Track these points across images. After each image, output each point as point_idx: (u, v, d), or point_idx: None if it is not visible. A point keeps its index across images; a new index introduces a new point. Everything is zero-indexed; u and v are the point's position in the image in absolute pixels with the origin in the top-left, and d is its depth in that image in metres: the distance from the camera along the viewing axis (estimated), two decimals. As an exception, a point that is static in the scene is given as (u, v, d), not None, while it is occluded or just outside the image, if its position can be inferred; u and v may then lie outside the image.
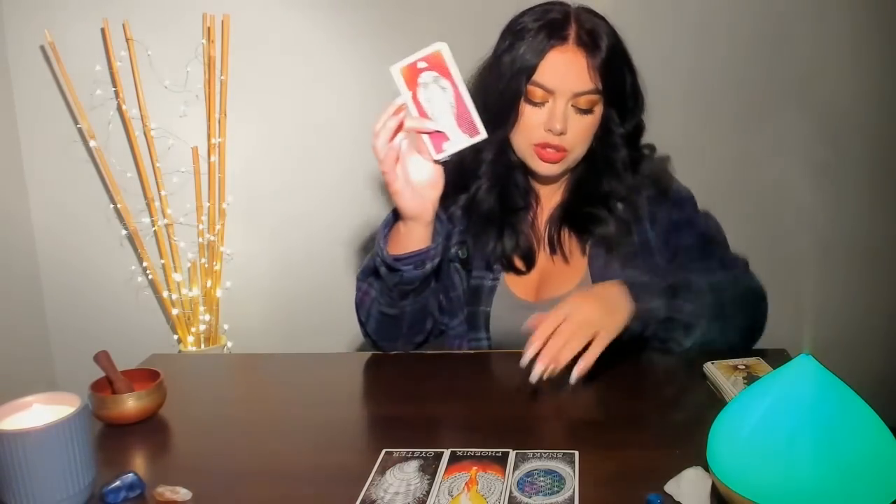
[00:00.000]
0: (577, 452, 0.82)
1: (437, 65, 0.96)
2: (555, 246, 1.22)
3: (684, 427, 0.89)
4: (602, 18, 1.14)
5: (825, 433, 0.64)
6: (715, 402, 0.95)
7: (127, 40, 1.93)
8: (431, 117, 0.99)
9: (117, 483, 0.78)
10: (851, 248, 2.03)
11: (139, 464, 0.89)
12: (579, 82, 1.10)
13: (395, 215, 1.09)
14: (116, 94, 1.96)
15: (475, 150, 1.18)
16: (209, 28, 1.94)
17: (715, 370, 1.00)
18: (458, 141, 1.00)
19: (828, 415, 0.65)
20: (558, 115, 1.10)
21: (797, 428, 0.65)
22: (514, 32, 1.14)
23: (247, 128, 2.03)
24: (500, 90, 1.14)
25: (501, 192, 1.22)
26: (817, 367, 0.68)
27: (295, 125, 2.04)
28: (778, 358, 0.97)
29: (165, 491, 0.78)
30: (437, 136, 1.00)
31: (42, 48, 1.98)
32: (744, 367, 1.00)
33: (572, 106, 1.11)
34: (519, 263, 1.22)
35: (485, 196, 1.22)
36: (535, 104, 1.12)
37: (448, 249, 1.23)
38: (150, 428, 0.96)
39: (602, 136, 1.16)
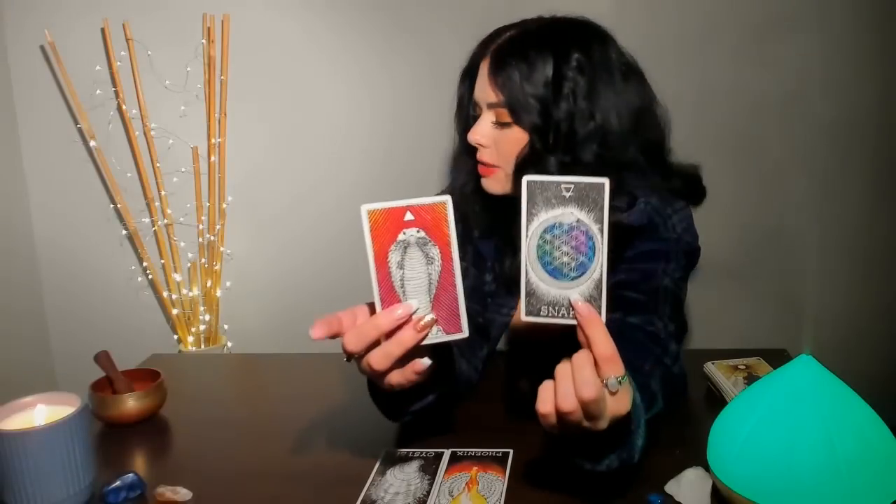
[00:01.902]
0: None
1: (431, 223, 0.68)
2: None
3: (684, 427, 0.89)
4: (552, 30, 1.02)
5: (825, 433, 0.64)
6: (715, 402, 0.95)
7: (127, 40, 1.93)
8: (398, 291, 0.70)
9: (117, 483, 0.78)
10: (851, 248, 2.03)
11: (139, 464, 0.89)
12: (484, 92, 1.02)
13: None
14: (116, 94, 1.96)
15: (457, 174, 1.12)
16: (209, 28, 1.94)
17: (715, 370, 1.00)
18: (430, 334, 0.71)
19: (828, 415, 0.65)
20: (477, 127, 1.03)
21: (797, 428, 0.65)
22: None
23: (247, 128, 2.03)
24: (457, 118, 1.12)
25: (494, 203, 1.11)
26: (817, 367, 0.68)
27: (295, 125, 2.04)
28: (778, 358, 0.97)
29: (165, 491, 0.78)
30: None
31: (42, 48, 1.98)
32: (744, 367, 1.00)
33: (493, 122, 1.02)
34: None
35: (477, 217, 1.11)
36: (474, 119, 1.06)
37: (485, 283, 1.14)
38: (150, 428, 0.96)
39: (531, 161, 1.00)
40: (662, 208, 1.02)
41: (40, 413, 0.78)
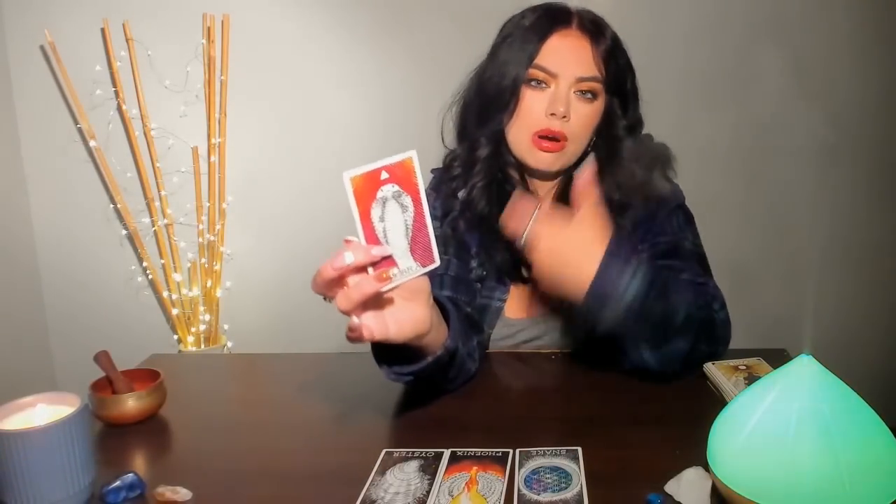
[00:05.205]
0: (580, 448, 0.82)
1: (403, 177, 0.77)
2: None
3: (684, 427, 0.89)
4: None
5: (825, 433, 0.64)
6: (715, 402, 0.95)
7: (127, 40, 1.93)
8: (382, 240, 0.77)
9: (117, 483, 0.78)
10: (851, 248, 2.03)
11: (139, 464, 0.89)
12: (583, 67, 1.07)
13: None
14: (116, 94, 1.96)
15: (470, 147, 1.16)
16: (209, 28, 1.94)
17: (715, 370, 1.00)
18: (409, 269, 0.80)
19: (828, 415, 0.65)
20: (562, 98, 1.06)
21: (797, 428, 0.65)
22: (513, 24, 1.13)
23: (247, 128, 2.03)
24: (498, 79, 1.10)
25: (501, 197, 1.14)
26: (817, 367, 0.68)
27: (295, 125, 2.05)
28: (778, 358, 0.97)
29: (165, 491, 0.78)
30: (385, 261, 0.78)
31: (42, 48, 1.98)
32: (744, 367, 1.00)
33: (574, 92, 1.08)
34: (525, 272, 1.15)
35: (479, 195, 1.15)
36: (536, 89, 1.08)
37: (470, 269, 1.16)
38: (150, 428, 0.96)
39: (604, 128, 1.12)
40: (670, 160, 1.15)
41: (40, 413, 0.77)
